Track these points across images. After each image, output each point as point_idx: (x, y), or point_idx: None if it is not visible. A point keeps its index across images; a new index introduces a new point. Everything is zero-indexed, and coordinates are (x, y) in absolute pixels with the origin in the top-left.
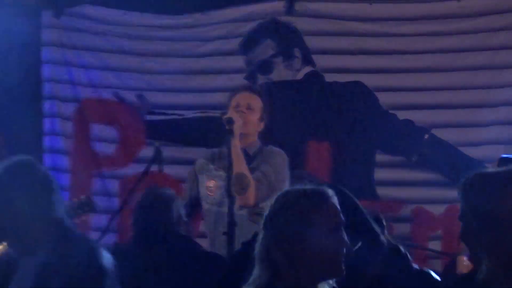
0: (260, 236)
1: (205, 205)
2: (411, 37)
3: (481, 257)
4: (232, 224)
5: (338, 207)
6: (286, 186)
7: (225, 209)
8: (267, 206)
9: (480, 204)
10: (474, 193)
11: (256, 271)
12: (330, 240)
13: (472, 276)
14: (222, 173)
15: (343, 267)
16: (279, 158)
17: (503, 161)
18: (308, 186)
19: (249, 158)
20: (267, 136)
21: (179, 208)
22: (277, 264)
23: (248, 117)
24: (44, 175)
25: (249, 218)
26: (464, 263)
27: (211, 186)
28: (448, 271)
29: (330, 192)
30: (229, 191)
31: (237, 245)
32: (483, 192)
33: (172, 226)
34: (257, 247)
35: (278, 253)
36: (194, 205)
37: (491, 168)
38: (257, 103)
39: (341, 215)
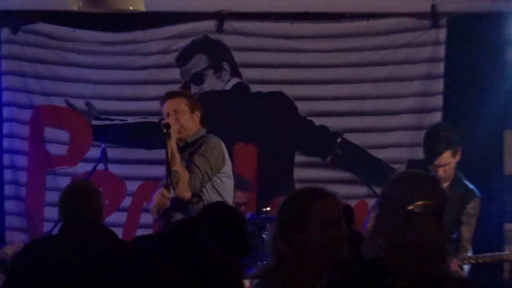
0: (270, 226)
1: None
2: (325, 53)
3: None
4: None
5: (338, 202)
6: (226, 171)
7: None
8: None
9: (391, 195)
10: (390, 187)
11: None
12: (329, 233)
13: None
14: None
15: (340, 259)
16: (213, 146)
17: (411, 163)
18: (310, 186)
19: (187, 147)
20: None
21: (99, 199)
22: (281, 252)
23: (180, 120)
24: None
25: (190, 201)
26: None
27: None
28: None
29: (330, 189)
30: (169, 185)
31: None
32: (395, 187)
33: (91, 215)
34: (267, 236)
35: (282, 243)
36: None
37: (409, 170)
38: (182, 103)
39: (340, 210)
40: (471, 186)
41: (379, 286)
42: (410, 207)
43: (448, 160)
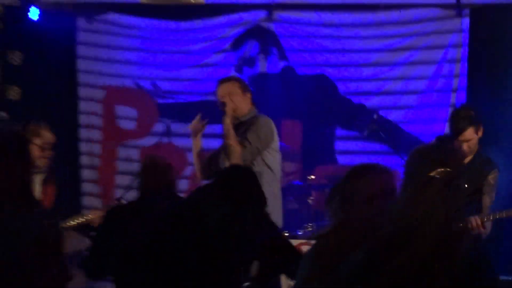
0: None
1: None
2: (363, 39)
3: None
4: None
5: (379, 178)
6: (274, 146)
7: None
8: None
9: (408, 168)
10: (408, 160)
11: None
12: (368, 208)
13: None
14: None
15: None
16: (263, 124)
17: (437, 138)
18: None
19: (241, 125)
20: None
21: (173, 173)
22: (332, 221)
23: (234, 101)
24: None
25: None
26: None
27: None
28: None
29: (373, 165)
30: (223, 155)
31: None
32: (412, 160)
33: (170, 187)
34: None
35: (331, 213)
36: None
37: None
38: (234, 86)
39: (382, 184)
40: (492, 159)
41: (396, 253)
42: (428, 175)
43: (471, 136)
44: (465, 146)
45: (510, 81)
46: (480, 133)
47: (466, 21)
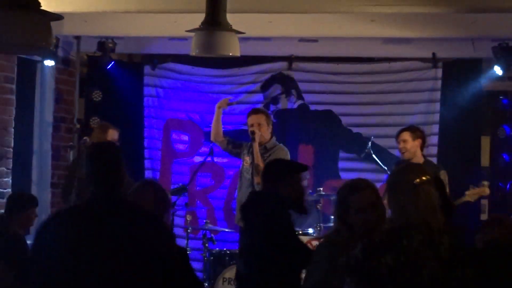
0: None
1: (244, 175)
2: (360, 84)
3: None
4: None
5: (371, 192)
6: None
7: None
8: None
9: (393, 179)
10: (394, 175)
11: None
12: (364, 216)
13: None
14: (250, 157)
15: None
16: (283, 152)
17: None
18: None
19: (266, 150)
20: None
21: None
22: (338, 224)
23: (261, 130)
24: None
25: None
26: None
27: (247, 160)
28: None
29: (364, 182)
30: (253, 173)
31: None
32: (399, 173)
33: None
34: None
35: (337, 219)
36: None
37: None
38: (262, 118)
39: (373, 196)
40: (438, 164)
41: (398, 247)
42: (416, 182)
43: (406, 138)
44: (400, 144)
45: (471, 116)
46: (417, 142)
47: (440, 71)
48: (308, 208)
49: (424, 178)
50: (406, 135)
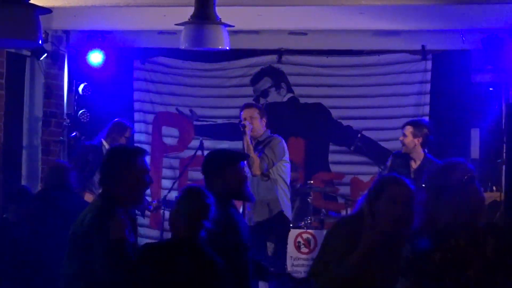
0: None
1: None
2: (350, 77)
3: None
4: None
5: (407, 189)
6: (285, 159)
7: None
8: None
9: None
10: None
11: None
12: (394, 208)
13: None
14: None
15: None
16: (277, 141)
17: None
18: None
19: (259, 143)
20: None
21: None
22: (363, 210)
23: (253, 124)
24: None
25: (261, 179)
26: None
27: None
28: None
29: (404, 179)
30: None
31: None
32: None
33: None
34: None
35: (365, 204)
36: None
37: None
38: (254, 112)
39: (407, 194)
40: (436, 161)
41: (446, 246)
42: (463, 180)
43: (406, 132)
44: (402, 136)
45: (461, 108)
46: (417, 140)
47: (430, 63)
48: (251, 195)
49: (470, 176)
50: (408, 130)
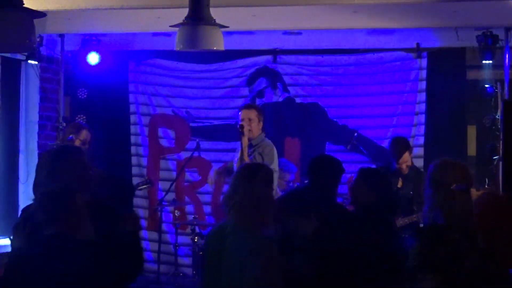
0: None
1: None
2: (345, 75)
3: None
4: None
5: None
6: (271, 167)
7: None
8: None
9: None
10: (434, 172)
11: None
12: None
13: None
14: (239, 152)
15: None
16: (268, 148)
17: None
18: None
19: (252, 146)
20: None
21: None
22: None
23: (251, 125)
24: None
25: None
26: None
27: (236, 155)
28: None
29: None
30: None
31: None
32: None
33: None
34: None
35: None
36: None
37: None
38: (253, 113)
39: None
40: (420, 168)
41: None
42: (452, 187)
43: (407, 158)
44: (403, 166)
45: (456, 106)
46: (411, 154)
47: (424, 61)
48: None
49: (461, 183)
50: (407, 156)
